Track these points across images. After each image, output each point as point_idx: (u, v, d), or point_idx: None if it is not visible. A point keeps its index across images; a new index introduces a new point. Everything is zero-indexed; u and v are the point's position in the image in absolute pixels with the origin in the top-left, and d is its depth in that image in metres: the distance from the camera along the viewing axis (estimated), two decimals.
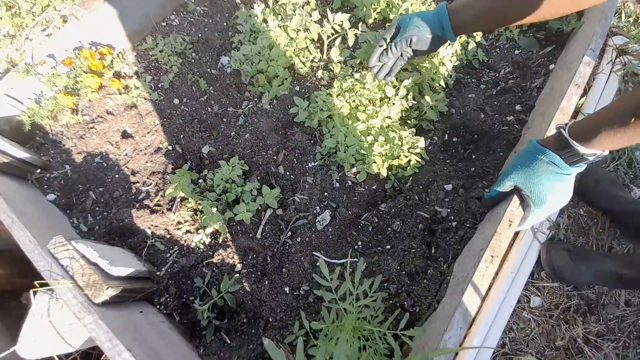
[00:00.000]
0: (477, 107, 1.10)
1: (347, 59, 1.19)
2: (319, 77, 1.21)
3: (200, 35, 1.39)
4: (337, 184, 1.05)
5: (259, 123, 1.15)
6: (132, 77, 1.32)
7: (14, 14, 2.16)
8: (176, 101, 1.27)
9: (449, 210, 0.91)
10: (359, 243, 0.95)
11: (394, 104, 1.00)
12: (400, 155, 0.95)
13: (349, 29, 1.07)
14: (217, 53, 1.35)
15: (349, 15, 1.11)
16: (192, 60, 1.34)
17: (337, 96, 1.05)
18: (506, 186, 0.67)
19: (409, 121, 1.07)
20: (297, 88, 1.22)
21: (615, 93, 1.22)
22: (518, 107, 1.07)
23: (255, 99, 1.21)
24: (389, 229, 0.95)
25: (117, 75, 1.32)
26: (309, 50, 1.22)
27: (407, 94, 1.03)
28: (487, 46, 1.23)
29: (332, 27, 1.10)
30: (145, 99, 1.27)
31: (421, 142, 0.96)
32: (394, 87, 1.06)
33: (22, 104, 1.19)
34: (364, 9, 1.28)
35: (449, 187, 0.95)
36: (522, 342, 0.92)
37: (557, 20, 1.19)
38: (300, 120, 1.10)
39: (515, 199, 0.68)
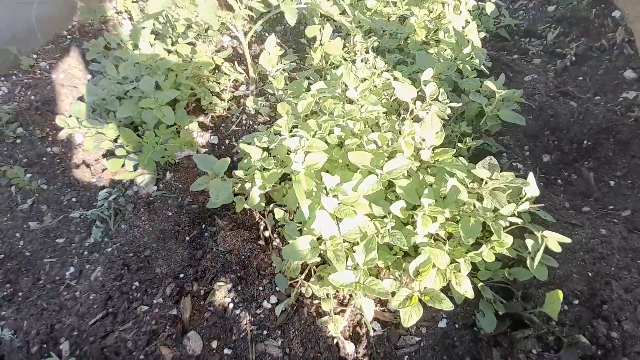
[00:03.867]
0: (555, 92, 0.60)
1: (294, 64, 0.66)
2: (251, 116, 0.65)
3: None
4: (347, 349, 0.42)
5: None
6: None
7: None
8: None
9: None
10: None
11: (422, 118, 0.45)
12: (489, 236, 0.37)
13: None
14: None
15: None
16: None
17: (290, 131, 0.48)
18: None
19: (458, 146, 0.51)
20: (209, 136, 0.64)
21: None
22: (629, 73, 0.58)
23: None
24: None
25: None
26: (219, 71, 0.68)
27: (437, 94, 0.49)
28: (505, 7, 0.78)
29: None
30: None
31: (531, 189, 0.40)
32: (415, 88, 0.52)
33: None
34: None
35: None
36: None
37: None
38: (217, 206, 0.49)
39: None
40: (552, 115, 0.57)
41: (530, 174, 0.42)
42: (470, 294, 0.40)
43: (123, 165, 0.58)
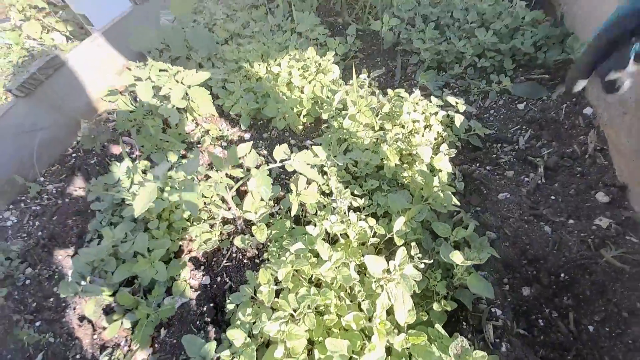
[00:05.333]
0: (529, 214, 0.61)
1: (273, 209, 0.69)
2: (241, 248, 0.68)
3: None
4: None
5: None
6: None
7: None
8: None
9: None
10: None
11: (397, 283, 0.46)
12: None
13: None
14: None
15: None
16: None
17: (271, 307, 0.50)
18: None
19: (430, 299, 0.53)
20: (201, 276, 0.67)
21: None
22: (601, 196, 0.59)
23: None
24: None
25: None
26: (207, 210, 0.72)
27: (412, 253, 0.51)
28: (474, 114, 0.81)
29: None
30: None
31: None
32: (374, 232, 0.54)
33: None
34: (285, 116, 0.87)
35: None
36: None
37: (555, 48, 0.84)
38: None
39: None
40: (527, 243, 0.58)
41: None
42: None
43: (121, 324, 0.61)
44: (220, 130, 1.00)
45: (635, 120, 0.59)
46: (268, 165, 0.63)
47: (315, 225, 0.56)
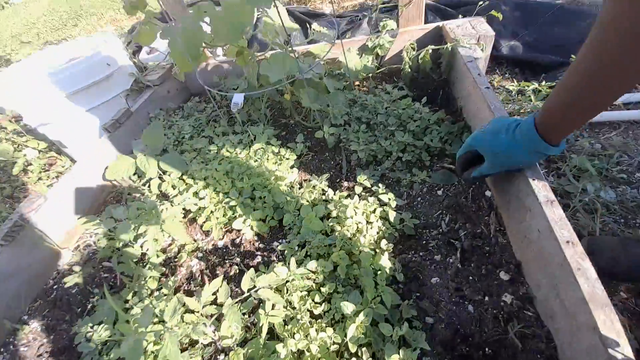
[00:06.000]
0: (455, 297, 0.75)
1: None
2: None
3: None
4: None
5: None
6: None
7: None
8: None
9: None
10: None
11: None
12: None
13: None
14: None
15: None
16: None
17: None
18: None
19: None
20: None
21: None
22: (503, 275, 0.75)
23: None
24: None
25: None
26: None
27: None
28: (405, 205, 0.99)
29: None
30: None
31: None
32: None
33: None
34: (252, 225, 1.00)
35: None
36: None
37: (457, 141, 1.07)
38: None
39: None
40: (458, 323, 0.72)
41: None
42: None
43: None
44: (195, 241, 1.11)
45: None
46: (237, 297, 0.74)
47: (283, 342, 0.66)
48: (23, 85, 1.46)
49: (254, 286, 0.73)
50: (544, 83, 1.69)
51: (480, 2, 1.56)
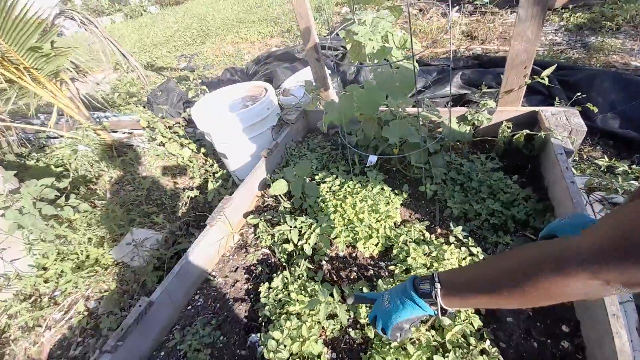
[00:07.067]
0: (523, 334, 1.07)
1: None
2: (353, 337, 1.19)
3: (225, 313, 1.44)
4: None
5: None
6: None
7: (34, 305, 2.27)
8: None
9: None
10: None
11: None
12: None
13: None
14: (244, 330, 1.36)
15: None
16: (222, 345, 1.33)
17: None
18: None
19: None
20: (334, 355, 1.18)
21: None
22: (564, 327, 1.05)
23: None
24: None
25: None
26: (336, 315, 1.25)
27: None
28: None
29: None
30: None
31: None
32: (438, 344, 1.03)
33: None
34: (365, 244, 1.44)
35: None
36: None
37: (540, 217, 1.36)
38: None
39: None
40: (524, 351, 1.03)
41: None
42: None
43: None
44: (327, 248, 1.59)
45: None
46: None
47: None
48: (213, 113, 2.18)
49: None
50: (635, 166, 1.81)
51: (578, 94, 1.76)
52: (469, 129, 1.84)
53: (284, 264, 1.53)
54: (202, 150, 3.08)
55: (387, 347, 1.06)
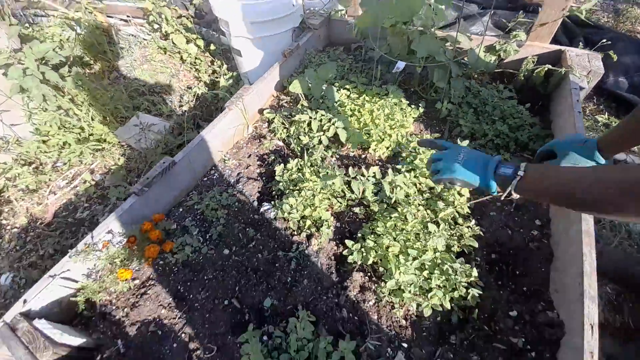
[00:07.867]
0: (502, 224, 1.27)
1: (379, 201, 1.37)
2: (356, 212, 1.37)
3: (240, 186, 1.57)
4: (403, 321, 1.08)
5: (313, 266, 1.23)
6: (180, 234, 1.41)
7: (37, 171, 2.31)
8: (226, 251, 1.35)
9: (523, 339, 0.96)
10: None
11: (440, 236, 1.13)
12: (458, 287, 1.04)
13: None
14: (257, 201, 1.50)
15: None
16: (236, 209, 1.48)
17: (385, 235, 1.17)
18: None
19: (452, 249, 1.19)
20: (338, 224, 1.36)
21: None
22: (537, 222, 1.24)
23: (304, 243, 1.32)
24: None
25: (168, 234, 1.40)
26: (344, 191, 1.40)
27: (447, 226, 1.18)
28: None
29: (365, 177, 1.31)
30: (195, 253, 1.34)
31: (474, 272, 1.07)
32: (431, 220, 1.21)
33: (76, 282, 1.20)
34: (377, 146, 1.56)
35: (513, 313, 1.02)
36: None
37: (540, 142, 1.49)
38: (353, 261, 1.19)
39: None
40: (498, 237, 1.24)
41: None
42: None
43: None
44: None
45: None
46: None
47: None
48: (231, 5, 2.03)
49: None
50: None
51: (603, 40, 1.78)
52: (494, 59, 1.86)
53: (298, 154, 1.63)
54: (212, 47, 2.92)
55: (389, 216, 1.24)
